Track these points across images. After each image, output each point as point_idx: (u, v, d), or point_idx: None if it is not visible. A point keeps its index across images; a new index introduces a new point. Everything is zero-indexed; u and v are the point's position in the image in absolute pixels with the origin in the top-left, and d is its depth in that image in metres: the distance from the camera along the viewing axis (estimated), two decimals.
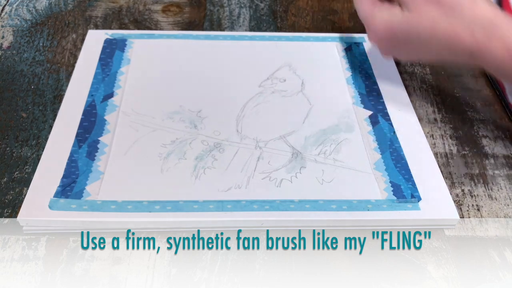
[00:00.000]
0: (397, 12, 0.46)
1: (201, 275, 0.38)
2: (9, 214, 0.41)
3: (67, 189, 0.41)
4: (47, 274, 0.37)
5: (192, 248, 0.40)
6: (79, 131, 0.46)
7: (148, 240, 0.40)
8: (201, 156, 0.45)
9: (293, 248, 0.40)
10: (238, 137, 0.47)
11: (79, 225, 0.39)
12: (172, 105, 0.50)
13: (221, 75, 0.54)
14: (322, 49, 0.58)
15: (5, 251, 0.39)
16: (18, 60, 0.55)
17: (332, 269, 0.39)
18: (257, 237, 0.40)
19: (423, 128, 0.50)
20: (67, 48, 0.57)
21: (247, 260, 0.39)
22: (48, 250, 0.39)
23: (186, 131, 0.47)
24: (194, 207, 0.41)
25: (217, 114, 0.49)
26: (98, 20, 0.61)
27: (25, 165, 0.44)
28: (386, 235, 0.41)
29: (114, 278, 0.37)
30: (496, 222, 0.43)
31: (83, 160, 0.43)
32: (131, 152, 0.45)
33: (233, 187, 0.42)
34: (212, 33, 0.59)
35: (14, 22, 0.60)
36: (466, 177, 0.46)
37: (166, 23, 0.62)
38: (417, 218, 0.41)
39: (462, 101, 0.54)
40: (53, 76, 0.53)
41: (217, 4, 0.66)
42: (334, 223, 0.41)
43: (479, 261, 0.40)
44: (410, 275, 0.39)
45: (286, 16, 0.64)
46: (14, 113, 0.49)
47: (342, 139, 0.47)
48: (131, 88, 0.51)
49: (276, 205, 0.41)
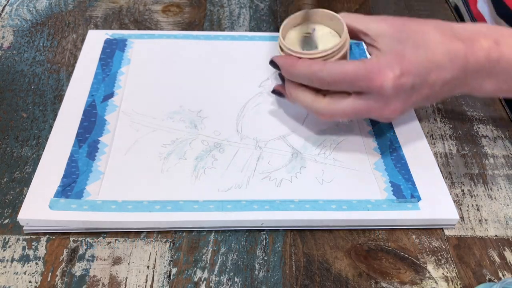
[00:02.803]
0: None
1: (201, 275, 0.38)
2: (9, 214, 0.41)
3: (67, 189, 0.41)
4: (48, 274, 0.37)
5: (192, 248, 0.40)
6: (79, 131, 0.46)
7: (149, 239, 0.40)
8: (201, 156, 0.45)
9: (293, 248, 0.40)
10: (238, 137, 0.47)
11: (79, 225, 0.39)
12: (172, 105, 0.50)
13: (221, 75, 0.54)
14: None
15: (5, 251, 0.39)
16: (18, 60, 0.55)
17: (332, 269, 0.39)
18: (258, 236, 0.40)
19: (423, 128, 0.50)
20: (67, 48, 0.57)
21: (247, 260, 0.39)
22: (48, 250, 0.39)
23: (186, 131, 0.47)
24: (194, 207, 0.41)
25: (217, 114, 0.49)
26: (98, 20, 0.61)
27: (25, 165, 0.45)
28: (385, 234, 0.41)
29: (114, 278, 0.37)
30: (496, 222, 0.43)
31: (83, 160, 0.43)
32: (131, 152, 0.45)
33: (233, 187, 0.42)
34: (212, 33, 0.59)
35: (14, 22, 0.60)
36: (466, 177, 0.46)
37: (166, 23, 0.62)
38: (417, 218, 0.41)
39: (462, 101, 0.54)
40: (53, 76, 0.53)
41: (217, 4, 0.66)
42: (334, 223, 0.41)
43: (479, 261, 0.40)
44: (410, 275, 0.39)
45: (286, 16, 0.64)
46: (14, 113, 0.49)
47: (342, 139, 0.47)
48: (131, 88, 0.51)
49: (276, 205, 0.41)
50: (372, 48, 0.42)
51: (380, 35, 0.41)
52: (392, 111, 0.41)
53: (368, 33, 0.42)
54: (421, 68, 0.39)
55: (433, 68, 0.39)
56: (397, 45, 0.40)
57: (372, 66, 0.39)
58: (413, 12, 0.66)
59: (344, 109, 0.41)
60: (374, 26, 0.42)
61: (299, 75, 0.42)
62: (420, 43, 0.40)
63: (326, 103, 0.42)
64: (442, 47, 0.40)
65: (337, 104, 0.42)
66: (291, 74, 0.43)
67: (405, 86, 0.39)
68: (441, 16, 0.66)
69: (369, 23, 0.42)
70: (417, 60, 0.39)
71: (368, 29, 0.42)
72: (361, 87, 0.40)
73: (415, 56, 0.39)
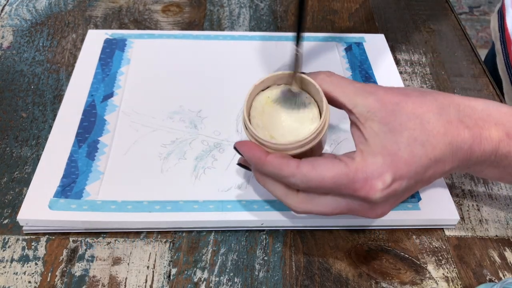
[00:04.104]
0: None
1: (201, 275, 0.38)
2: (9, 214, 0.41)
3: (67, 189, 0.41)
4: (47, 274, 0.37)
5: (192, 248, 0.40)
6: (79, 131, 0.46)
7: (149, 239, 0.40)
8: (201, 156, 0.45)
9: (293, 248, 0.40)
10: (238, 137, 0.47)
11: (79, 225, 0.39)
12: (172, 105, 0.50)
13: (221, 75, 0.54)
14: (322, 49, 0.58)
15: (4, 251, 0.38)
16: (18, 60, 0.55)
17: (332, 269, 0.39)
18: (258, 237, 0.40)
19: None
20: (67, 48, 0.57)
21: (247, 260, 0.39)
22: (48, 250, 0.39)
23: (186, 131, 0.47)
24: (194, 207, 0.41)
25: (217, 114, 0.49)
26: (98, 20, 0.61)
27: (25, 165, 0.44)
28: (386, 235, 0.41)
29: (114, 278, 0.37)
30: (496, 222, 0.43)
31: (83, 160, 0.43)
32: (131, 152, 0.45)
33: (233, 187, 0.42)
34: (212, 33, 0.59)
35: (14, 22, 0.60)
36: (466, 177, 0.46)
37: (166, 23, 0.62)
38: (417, 218, 0.41)
39: None
40: (53, 76, 0.53)
41: (217, 4, 0.66)
42: (334, 223, 0.41)
43: (479, 261, 0.40)
44: (411, 275, 0.39)
45: (286, 16, 0.64)
46: (14, 113, 0.49)
47: (342, 139, 0.47)
48: (131, 88, 0.51)
49: (276, 205, 0.41)
50: (357, 132, 0.35)
51: (369, 118, 0.33)
52: (379, 214, 0.35)
53: (353, 111, 0.34)
54: (418, 169, 0.33)
55: (432, 164, 0.33)
56: (389, 139, 0.33)
57: (357, 174, 0.32)
58: (413, 11, 0.66)
59: (321, 209, 0.35)
60: (361, 102, 0.34)
61: (268, 174, 0.35)
62: (418, 137, 0.33)
63: (301, 199, 0.35)
64: (444, 138, 0.33)
65: (313, 202, 0.35)
66: (258, 170, 0.36)
67: (397, 191, 0.33)
68: (441, 16, 0.66)
69: (356, 97, 0.34)
70: (413, 160, 0.32)
71: (354, 105, 0.34)
72: (342, 195, 0.34)
73: (411, 156, 0.32)
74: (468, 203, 0.44)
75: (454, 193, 0.45)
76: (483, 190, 0.45)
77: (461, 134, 0.33)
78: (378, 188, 0.32)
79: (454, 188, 0.45)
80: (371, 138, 0.33)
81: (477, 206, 0.44)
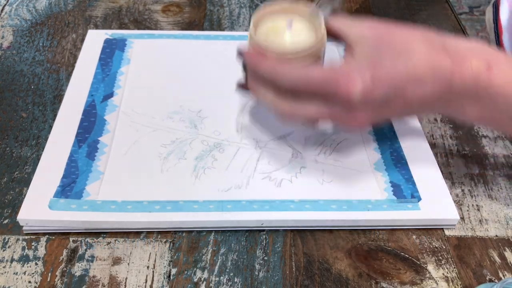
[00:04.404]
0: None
1: (201, 275, 0.38)
2: (9, 214, 0.41)
3: (67, 189, 0.41)
4: (47, 274, 0.37)
5: (192, 248, 0.40)
6: (79, 131, 0.46)
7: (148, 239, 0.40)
8: (201, 156, 0.45)
9: (293, 248, 0.40)
10: (238, 137, 0.47)
11: (79, 225, 0.39)
12: (172, 105, 0.50)
13: (221, 75, 0.53)
14: None
15: (4, 251, 0.38)
16: (18, 60, 0.55)
17: (332, 269, 0.39)
18: (257, 236, 0.40)
19: (423, 128, 0.50)
20: (67, 48, 0.57)
21: (247, 260, 0.39)
22: (48, 250, 0.39)
23: (186, 131, 0.47)
24: (194, 207, 0.41)
25: (217, 114, 0.49)
26: (98, 20, 0.61)
27: (25, 165, 0.44)
28: (386, 235, 0.41)
29: (114, 278, 0.37)
30: (496, 222, 0.43)
31: (83, 160, 0.43)
32: (131, 152, 0.45)
33: (233, 187, 0.42)
34: (212, 33, 0.59)
35: (14, 22, 0.60)
36: (466, 177, 0.46)
37: (166, 23, 0.62)
38: (417, 218, 0.41)
39: None
40: (53, 76, 0.53)
41: (217, 4, 0.66)
42: (334, 223, 0.41)
43: (479, 261, 0.40)
44: (410, 276, 0.39)
45: None
46: (14, 113, 0.49)
47: (342, 139, 0.47)
48: (131, 88, 0.51)
49: (276, 205, 0.41)
50: (348, 54, 0.38)
51: (359, 42, 0.37)
52: (359, 122, 0.37)
53: (348, 37, 0.38)
54: (397, 79, 0.35)
55: (412, 81, 0.35)
56: (374, 53, 0.36)
57: (341, 71, 0.36)
58: (413, 11, 0.66)
59: (306, 112, 0.38)
60: (356, 30, 0.38)
61: (263, 75, 0.39)
62: (401, 53, 0.36)
63: (288, 103, 0.38)
64: (426, 60, 0.36)
65: (299, 106, 0.38)
66: (255, 72, 0.40)
67: (375, 95, 0.35)
68: (441, 16, 0.66)
69: (352, 26, 0.38)
70: (394, 70, 0.35)
71: (348, 32, 0.38)
72: (327, 94, 0.36)
73: (392, 66, 0.35)
74: (468, 203, 0.44)
75: (454, 193, 0.45)
76: (483, 190, 0.45)
77: (443, 60, 0.36)
78: (358, 83, 0.35)
79: (454, 188, 0.45)
80: (359, 54, 0.36)
81: (477, 206, 0.44)
